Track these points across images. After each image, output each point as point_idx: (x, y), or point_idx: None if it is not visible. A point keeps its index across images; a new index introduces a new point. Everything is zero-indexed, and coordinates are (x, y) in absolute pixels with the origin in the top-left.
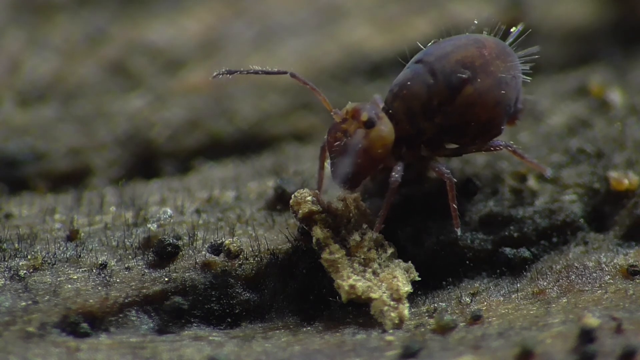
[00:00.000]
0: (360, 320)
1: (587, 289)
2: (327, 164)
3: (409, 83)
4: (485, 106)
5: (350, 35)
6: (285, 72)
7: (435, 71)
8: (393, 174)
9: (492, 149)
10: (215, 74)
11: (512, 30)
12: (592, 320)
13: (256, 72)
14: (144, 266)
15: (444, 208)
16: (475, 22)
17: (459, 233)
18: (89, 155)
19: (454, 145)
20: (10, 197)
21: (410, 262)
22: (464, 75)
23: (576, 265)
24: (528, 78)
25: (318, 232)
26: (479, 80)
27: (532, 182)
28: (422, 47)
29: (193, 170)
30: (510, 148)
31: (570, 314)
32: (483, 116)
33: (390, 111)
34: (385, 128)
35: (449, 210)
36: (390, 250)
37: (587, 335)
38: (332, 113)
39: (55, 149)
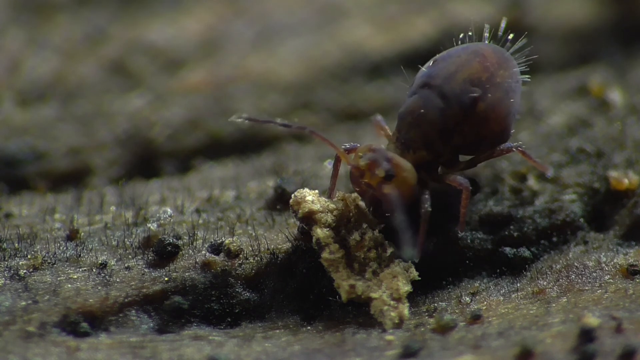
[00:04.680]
0: (360, 320)
1: (587, 288)
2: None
3: (422, 111)
4: (498, 118)
5: (350, 35)
6: (304, 128)
7: (446, 94)
8: (424, 205)
9: (503, 153)
10: (233, 117)
11: (509, 37)
12: (592, 319)
13: (275, 124)
14: (144, 266)
15: (444, 208)
16: (469, 32)
17: (460, 234)
18: (89, 155)
19: (467, 157)
20: (10, 196)
21: (410, 261)
22: (475, 94)
23: (576, 264)
24: (527, 77)
25: (318, 232)
26: (489, 95)
27: (532, 182)
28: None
29: (193, 170)
30: (520, 149)
31: (570, 313)
32: (497, 128)
33: (404, 141)
34: (407, 173)
35: (450, 210)
36: (390, 250)
37: (587, 335)
38: (349, 166)
39: (55, 149)
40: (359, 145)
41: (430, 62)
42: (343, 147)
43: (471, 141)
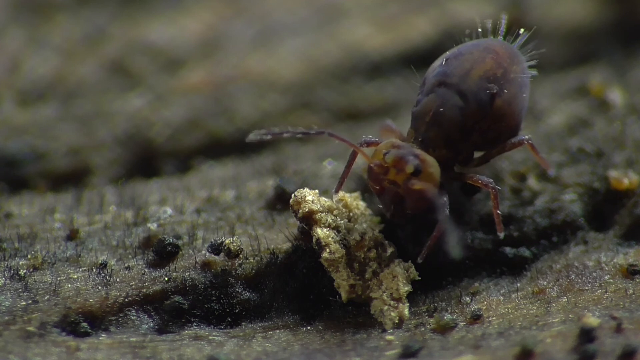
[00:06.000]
0: (360, 320)
1: (587, 288)
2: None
3: (441, 110)
4: (513, 113)
5: (350, 34)
6: (322, 132)
7: (464, 92)
8: (444, 209)
9: (515, 146)
10: (251, 136)
11: (521, 31)
12: (592, 319)
13: (294, 134)
14: (144, 266)
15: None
16: (479, 29)
17: (501, 237)
18: (89, 155)
19: (480, 153)
20: (10, 196)
21: (410, 261)
22: (493, 90)
23: (576, 264)
24: (535, 71)
25: (318, 232)
26: (505, 91)
27: (532, 182)
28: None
29: (193, 170)
30: (529, 142)
31: (570, 313)
32: (513, 123)
33: (422, 139)
34: (433, 169)
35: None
36: (390, 250)
37: (587, 335)
38: (372, 165)
39: (55, 149)
40: (378, 139)
41: (442, 61)
42: (364, 139)
43: (489, 137)
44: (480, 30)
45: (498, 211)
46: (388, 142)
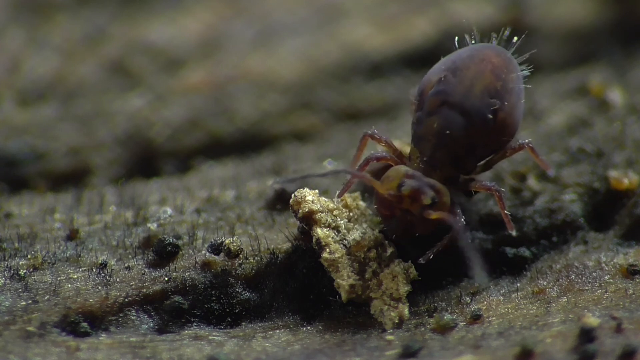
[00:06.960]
0: (360, 320)
1: (587, 288)
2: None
3: (447, 132)
4: (514, 122)
5: (350, 34)
6: (339, 171)
7: (468, 111)
8: (458, 219)
9: (515, 151)
10: (273, 182)
11: (514, 40)
12: (592, 319)
13: (313, 176)
14: (144, 266)
15: None
16: (467, 36)
17: (514, 234)
18: (89, 155)
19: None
20: (10, 196)
21: (410, 261)
22: (496, 106)
23: (576, 264)
24: (528, 71)
25: (318, 232)
26: (506, 103)
27: (532, 182)
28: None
29: (193, 170)
30: (529, 145)
31: (570, 313)
32: (513, 131)
33: (427, 160)
34: (446, 198)
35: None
36: (390, 250)
37: (587, 335)
38: (387, 195)
39: (55, 149)
40: (386, 154)
41: (440, 77)
42: (373, 155)
43: (492, 148)
44: (471, 36)
45: (505, 211)
46: (399, 169)
